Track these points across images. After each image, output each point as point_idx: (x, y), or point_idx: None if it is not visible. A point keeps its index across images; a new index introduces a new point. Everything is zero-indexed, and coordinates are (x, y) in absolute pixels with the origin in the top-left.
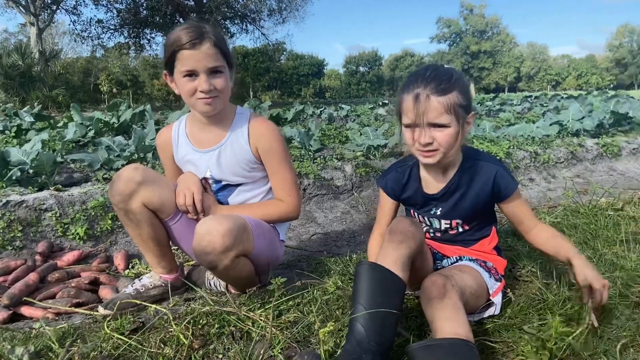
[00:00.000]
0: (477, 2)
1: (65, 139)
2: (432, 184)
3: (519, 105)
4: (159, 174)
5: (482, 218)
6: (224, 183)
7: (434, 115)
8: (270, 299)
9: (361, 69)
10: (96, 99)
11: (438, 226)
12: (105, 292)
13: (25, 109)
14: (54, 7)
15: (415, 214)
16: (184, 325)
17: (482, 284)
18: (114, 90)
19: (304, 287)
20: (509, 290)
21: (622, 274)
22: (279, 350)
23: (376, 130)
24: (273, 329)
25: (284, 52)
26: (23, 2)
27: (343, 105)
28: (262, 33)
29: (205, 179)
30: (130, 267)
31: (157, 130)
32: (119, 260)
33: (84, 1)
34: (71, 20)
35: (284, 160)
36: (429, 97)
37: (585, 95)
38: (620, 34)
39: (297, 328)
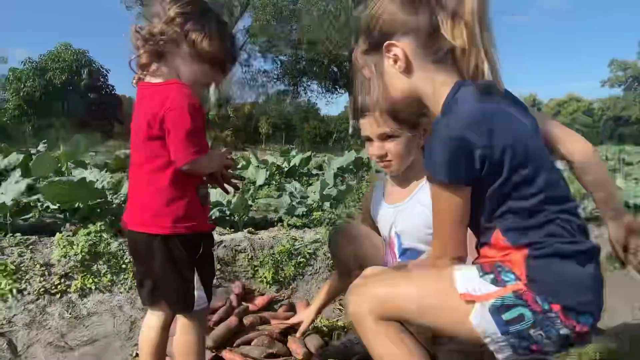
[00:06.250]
0: None
1: (257, 185)
2: None
3: None
4: None
5: None
6: (406, 246)
7: None
8: None
9: None
10: (254, 140)
11: None
12: (295, 346)
13: None
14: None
15: None
16: None
17: None
18: (270, 132)
19: None
20: None
21: None
22: None
23: None
24: None
25: None
26: None
27: None
28: None
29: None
30: None
31: (334, 177)
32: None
33: (254, 54)
34: (243, 71)
35: None
36: None
37: None
38: None
39: None
